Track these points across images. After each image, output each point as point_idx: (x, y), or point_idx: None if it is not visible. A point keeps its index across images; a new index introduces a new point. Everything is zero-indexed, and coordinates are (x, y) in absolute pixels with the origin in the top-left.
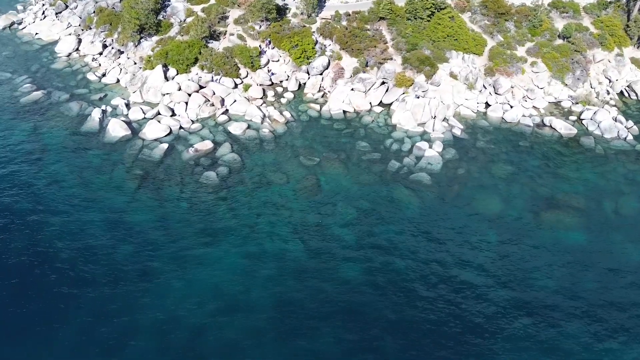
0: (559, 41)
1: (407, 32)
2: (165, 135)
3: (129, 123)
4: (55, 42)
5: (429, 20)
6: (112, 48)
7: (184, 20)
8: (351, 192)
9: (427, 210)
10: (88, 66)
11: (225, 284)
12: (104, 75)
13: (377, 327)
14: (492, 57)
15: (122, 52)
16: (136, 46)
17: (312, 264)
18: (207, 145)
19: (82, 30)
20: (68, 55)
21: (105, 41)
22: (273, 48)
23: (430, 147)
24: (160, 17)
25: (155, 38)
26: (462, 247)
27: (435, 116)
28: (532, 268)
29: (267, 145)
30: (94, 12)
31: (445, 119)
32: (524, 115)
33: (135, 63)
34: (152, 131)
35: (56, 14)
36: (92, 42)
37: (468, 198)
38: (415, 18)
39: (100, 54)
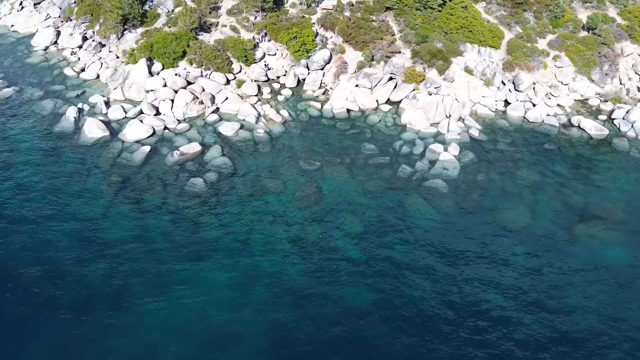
0: (584, 33)
1: (417, 23)
2: (148, 137)
3: (107, 123)
4: (32, 35)
5: (440, 11)
6: (93, 41)
7: (172, 11)
8: (357, 201)
9: (444, 223)
10: (66, 60)
11: (213, 309)
12: (82, 70)
13: None
14: (511, 50)
15: (103, 45)
16: (119, 39)
17: (313, 286)
18: (194, 147)
19: (62, 22)
20: (45, 49)
21: (85, 33)
22: (269, 40)
23: (446, 149)
24: (146, 7)
25: (140, 30)
26: (484, 265)
27: (449, 115)
28: (566, 289)
29: (262, 147)
30: (74, 2)
31: (460, 119)
32: (548, 115)
33: (117, 57)
34: (133, 132)
35: (34, 4)
36: (72, 35)
37: (490, 208)
38: (425, 8)
39: (80, 47)
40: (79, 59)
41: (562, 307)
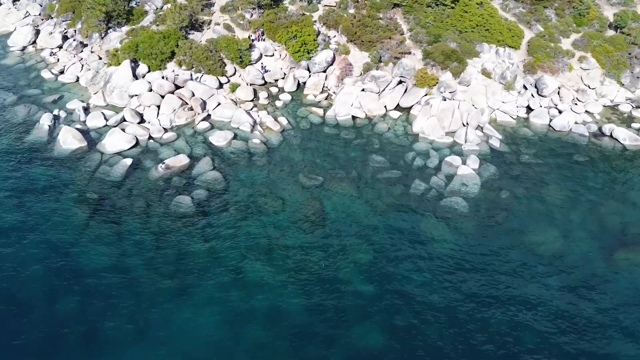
0: (611, 32)
1: (428, 21)
2: (130, 148)
3: (85, 132)
4: (10, 34)
5: (453, 7)
6: (74, 40)
7: (161, 8)
8: (364, 223)
9: (465, 249)
10: (44, 62)
11: (200, 353)
12: (61, 72)
13: None
14: (533, 50)
15: (85, 46)
16: (102, 38)
17: (315, 324)
18: (182, 160)
19: (42, 20)
20: (23, 49)
21: (66, 32)
22: (266, 40)
23: (464, 162)
24: (132, 3)
25: (125, 28)
26: (512, 301)
27: (467, 123)
28: (608, 329)
29: (257, 160)
30: None
31: (479, 127)
32: (576, 123)
33: (100, 58)
34: (113, 142)
35: (13, 1)
36: (51, 34)
37: (516, 231)
38: (437, 4)
39: (60, 47)
40: (58, 60)
41: (605, 352)
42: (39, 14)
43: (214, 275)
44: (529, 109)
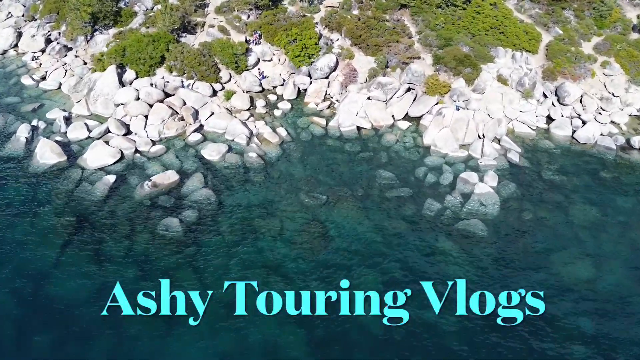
0: (635, 35)
1: (438, 23)
2: (114, 163)
3: (66, 145)
4: None
5: (464, 9)
6: (58, 44)
7: (152, 9)
8: (372, 248)
9: (485, 279)
10: (26, 67)
11: None
12: (43, 78)
13: None
14: (552, 55)
15: (69, 49)
16: (88, 41)
17: None
18: (170, 177)
19: (26, 21)
20: (3, 53)
21: (49, 35)
22: (264, 43)
23: (481, 179)
24: (121, 4)
25: (112, 31)
26: (544, 338)
27: (483, 135)
28: None
29: (254, 176)
30: None
31: (496, 139)
32: (602, 134)
33: (84, 63)
34: (96, 157)
35: None
36: (34, 37)
37: (543, 259)
38: (448, 5)
39: (43, 51)
40: (40, 65)
41: None
42: (22, 15)
43: (203, 309)
44: (550, 119)
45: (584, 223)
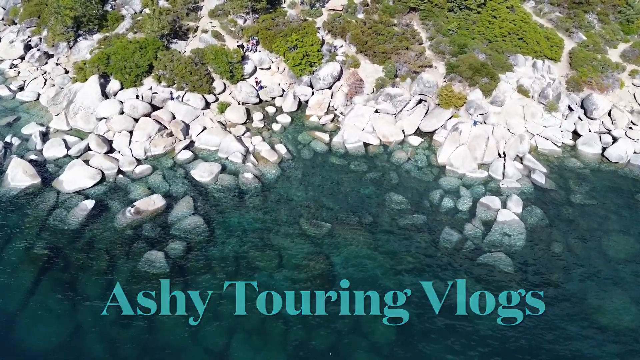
0: None
1: (450, 29)
2: (94, 185)
3: (41, 164)
4: None
5: (479, 12)
6: (38, 50)
7: (140, 12)
8: (384, 286)
9: (517, 326)
10: (3, 75)
11: None
12: (21, 88)
13: None
14: (576, 63)
15: (50, 56)
16: (70, 47)
17: None
18: (156, 202)
19: (5, 25)
20: None
21: (29, 41)
22: (262, 50)
23: (504, 205)
24: (107, 7)
25: (97, 36)
26: None
27: (504, 153)
28: None
29: (249, 200)
30: (20, 1)
31: (518, 157)
32: (635, 152)
33: (66, 71)
34: (73, 178)
35: None
36: (12, 42)
37: (576, 299)
38: (461, 8)
39: (22, 58)
40: (18, 73)
41: None
42: (2, 19)
43: (192, 359)
44: (576, 135)
45: (622, 255)
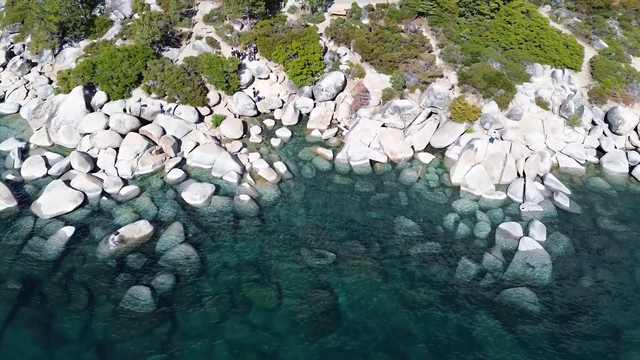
0: None
1: (462, 35)
2: (75, 209)
3: (18, 185)
4: None
5: (492, 17)
6: (21, 58)
7: (130, 17)
8: (393, 326)
9: None
10: None
11: None
12: (1, 99)
13: None
14: (599, 73)
15: (34, 64)
16: (55, 55)
17: None
18: (142, 229)
19: None
20: None
21: (12, 47)
22: (260, 59)
23: (526, 232)
24: (96, 11)
25: (84, 43)
26: None
27: (523, 173)
28: None
29: (246, 226)
30: (4, 5)
31: (538, 177)
32: None
33: (50, 81)
34: (52, 201)
35: None
36: None
37: (609, 341)
38: (473, 13)
39: (4, 66)
40: None
41: None
42: None
43: None
44: (600, 151)
45: None
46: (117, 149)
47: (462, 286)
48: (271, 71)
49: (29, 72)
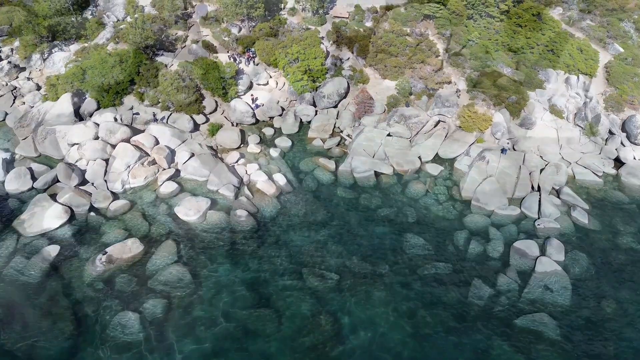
0: None
1: (471, 39)
2: (61, 226)
3: (2, 200)
4: None
5: (502, 20)
6: (8, 62)
7: (123, 19)
8: (403, 355)
9: None
10: None
11: None
12: None
13: None
14: (615, 79)
15: (22, 69)
16: (44, 60)
17: None
18: (132, 248)
19: None
20: None
21: (0, 51)
22: (259, 64)
23: (543, 251)
24: (87, 13)
25: (74, 47)
26: None
27: (538, 187)
28: None
29: (243, 244)
30: None
31: (554, 190)
32: None
33: (39, 87)
34: (37, 218)
35: None
36: None
37: None
38: (482, 16)
39: None
40: None
41: None
42: None
43: None
44: (618, 162)
45: None
46: (107, 161)
47: (475, 311)
48: (270, 77)
49: (17, 77)
